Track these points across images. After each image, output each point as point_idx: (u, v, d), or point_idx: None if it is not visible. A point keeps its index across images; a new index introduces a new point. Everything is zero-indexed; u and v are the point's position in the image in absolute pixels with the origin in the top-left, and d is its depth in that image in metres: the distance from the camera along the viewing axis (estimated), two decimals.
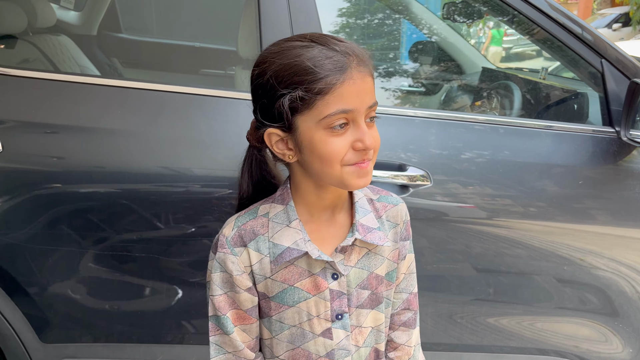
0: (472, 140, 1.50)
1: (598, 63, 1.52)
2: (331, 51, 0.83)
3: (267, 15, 1.43)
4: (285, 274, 0.94)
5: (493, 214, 1.47)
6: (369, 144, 0.84)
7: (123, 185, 1.40)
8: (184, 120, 1.41)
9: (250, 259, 0.94)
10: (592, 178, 1.50)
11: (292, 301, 0.95)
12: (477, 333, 1.59)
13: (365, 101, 0.84)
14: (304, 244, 0.92)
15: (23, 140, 1.38)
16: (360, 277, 0.96)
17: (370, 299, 0.98)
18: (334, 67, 0.82)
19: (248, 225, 0.95)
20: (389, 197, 1.03)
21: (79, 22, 2.61)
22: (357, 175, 0.87)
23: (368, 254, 0.97)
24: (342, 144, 0.84)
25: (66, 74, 1.74)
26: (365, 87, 0.84)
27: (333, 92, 0.82)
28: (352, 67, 0.83)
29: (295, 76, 0.82)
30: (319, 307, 0.95)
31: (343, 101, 0.82)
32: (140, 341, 1.53)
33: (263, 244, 0.94)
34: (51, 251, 1.42)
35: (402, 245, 1.03)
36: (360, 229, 0.95)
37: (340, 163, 0.85)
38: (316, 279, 0.94)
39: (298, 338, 0.97)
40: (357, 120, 0.84)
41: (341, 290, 0.95)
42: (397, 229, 1.01)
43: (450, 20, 2.55)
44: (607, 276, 1.56)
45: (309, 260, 0.93)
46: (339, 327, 0.96)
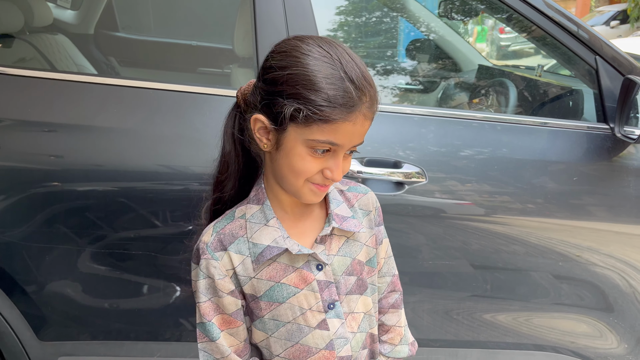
0: (468, 137, 1.50)
1: (592, 60, 1.53)
2: (351, 84, 0.84)
3: (262, 13, 1.43)
4: (270, 271, 0.95)
5: (489, 210, 1.48)
6: (337, 178, 0.89)
7: (120, 184, 1.40)
8: (181, 118, 1.42)
9: (232, 262, 0.95)
10: (587, 174, 1.51)
11: (282, 297, 0.96)
12: (474, 329, 1.59)
13: (353, 141, 0.88)
14: (283, 240, 0.94)
15: (20, 138, 1.38)
16: (345, 264, 0.99)
17: (358, 285, 1.01)
18: (346, 104, 0.83)
19: (227, 229, 0.96)
20: (357, 187, 1.08)
21: (75, 21, 2.61)
22: (314, 194, 0.92)
23: (347, 241, 1.01)
24: (315, 167, 0.88)
25: (63, 73, 1.75)
26: (361, 130, 0.87)
27: (333, 124, 0.84)
28: (360, 110, 0.85)
29: (307, 91, 0.83)
30: (309, 299, 0.97)
31: (336, 136, 0.85)
32: (137, 338, 1.54)
33: (243, 245, 0.95)
34: (48, 249, 1.42)
35: (378, 231, 1.07)
36: (336, 218, 0.98)
37: (304, 179, 0.89)
38: (301, 273, 0.96)
39: (295, 334, 0.97)
40: (337, 152, 0.88)
41: (328, 279, 0.97)
42: (370, 216, 1.05)
43: (446, 18, 2.55)
44: (603, 272, 1.56)
45: (291, 256, 0.95)
46: (333, 316, 0.98)
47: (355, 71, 0.85)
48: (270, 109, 0.88)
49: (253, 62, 1.45)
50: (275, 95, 0.86)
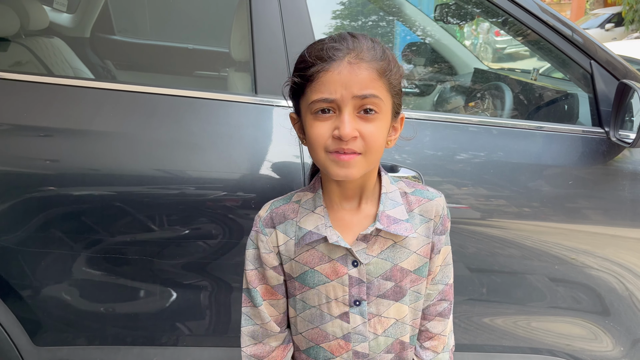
0: (464, 141, 1.51)
1: (587, 64, 1.53)
2: (334, 43, 0.88)
3: (259, 17, 1.44)
4: (307, 256, 0.99)
5: (486, 214, 1.48)
6: (344, 133, 0.86)
7: (116, 188, 1.40)
8: (177, 122, 1.41)
9: (278, 240, 1.01)
10: (582, 178, 1.52)
11: (313, 283, 1.00)
12: (470, 332, 1.60)
13: (350, 91, 0.87)
14: (325, 229, 0.97)
15: (16, 143, 1.38)
16: (383, 268, 0.99)
17: (394, 291, 1.01)
18: (324, 56, 0.87)
19: (280, 209, 1.02)
20: (424, 191, 1.05)
21: (71, 24, 2.61)
22: (337, 165, 0.90)
23: (393, 246, 0.99)
24: (323, 130, 0.89)
25: (59, 77, 1.74)
26: (355, 79, 0.87)
27: (318, 79, 0.88)
28: (342, 59, 0.87)
29: (297, 64, 0.92)
30: (337, 291, 0.99)
31: (327, 89, 0.87)
32: (134, 343, 1.54)
33: (291, 227, 1.00)
34: (44, 254, 1.42)
35: (437, 240, 1.03)
36: (385, 219, 0.97)
37: (322, 149, 0.90)
38: (335, 265, 0.98)
39: (317, 318, 1.02)
40: (341, 108, 0.88)
41: (360, 278, 0.98)
42: (429, 224, 1.02)
43: (442, 21, 2.56)
44: (598, 275, 1.57)
45: (329, 246, 0.98)
46: (357, 312, 1.00)
47: (340, 34, 0.91)
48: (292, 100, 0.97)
49: (250, 66, 1.45)
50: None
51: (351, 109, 0.87)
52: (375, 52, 0.89)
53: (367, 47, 0.89)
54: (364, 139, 0.88)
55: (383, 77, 0.89)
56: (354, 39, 0.90)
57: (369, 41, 0.91)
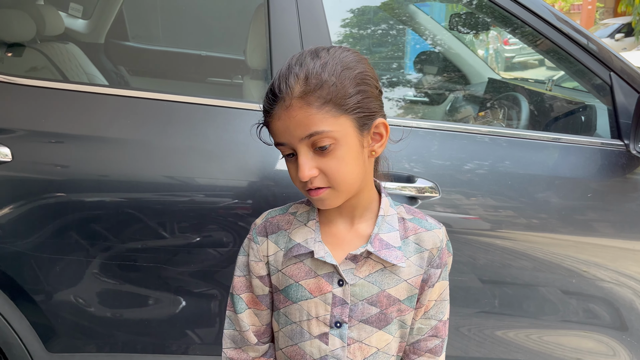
0: (478, 152, 1.50)
1: (607, 76, 1.52)
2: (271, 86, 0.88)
3: (277, 25, 1.43)
4: (294, 269, 0.97)
5: (499, 225, 1.47)
6: (301, 176, 0.87)
7: (130, 195, 1.40)
8: (193, 130, 1.41)
9: (268, 250, 1.00)
10: (600, 191, 1.50)
11: (296, 297, 0.98)
12: (483, 345, 1.58)
13: (295, 135, 0.86)
14: (314, 243, 0.95)
15: (32, 149, 1.38)
16: (369, 292, 0.95)
17: (378, 318, 0.96)
18: (267, 107, 0.89)
19: (275, 219, 1.02)
20: (423, 220, 1.01)
21: (86, 30, 2.62)
22: (314, 201, 0.92)
23: (383, 271, 0.96)
24: (294, 172, 0.90)
25: (75, 84, 1.75)
26: (293, 122, 0.85)
27: (270, 127, 0.90)
28: (279, 104, 0.86)
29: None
30: (318, 309, 0.97)
31: (276, 135, 0.89)
32: (144, 351, 1.53)
33: (282, 238, 0.99)
34: (58, 260, 1.42)
35: (433, 273, 0.99)
36: (377, 242, 0.94)
37: (300, 187, 0.91)
38: (320, 281, 0.96)
39: (297, 335, 0.99)
40: (296, 151, 0.88)
41: (344, 298, 0.95)
42: (423, 254, 0.98)
43: (455, 30, 2.55)
44: (613, 288, 1.55)
45: (316, 261, 0.96)
46: (336, 335, 0.96)
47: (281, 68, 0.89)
48: None
49: (267, 74, 1.45)
50: None
51: (305, 149, 0.86)
52: (308, 83, 0.84)
53: (301, 81, 0.84)
54: (326, 175, 0.87)
55: (325, 105, 0.84)
56: (288, 73, 0.86)
57: (305, 68, 0.85)
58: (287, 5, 1.43)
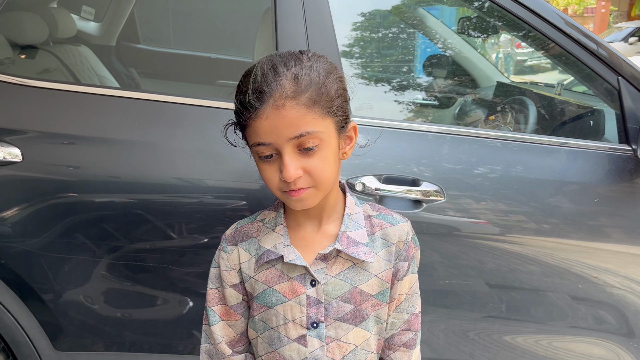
0: (486, 156, 1.49)
1: (614, 80, 1.51)
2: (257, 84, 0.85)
3: (283, 28, 1.44)
4: (266, 275, 0.98)
5: (507, 230, 1.46)
6: (287, 177, 0.86)
7: (138, 196, 1.41)
8: (201, 132, 1.43)
9: (240, 258, 1.00)
10: (608, 196, 1.49)
11: (271, 303, 0.98)
12: (490, 350, 1.57)
13: (283, 135, 0.85)
14: (283, 247, 0.96)
15: (42, 150, 1.40)
16: (342, 289, 0.97)
17: (353, 315, 0.98)
18: (249, 102, 0.85)
19: (244, 227, 1.03)
20: (388, 216, 1.03)
21: (98, 33, 2.66)
22: (293, 201, 0.91)
23: (353, 268, 0.98)
24: (271, 174, 0.89)
25: (86, 86, 1.77)
26: (283, 122, 0.84)
27: (250, 127, 0.87)
28: (268, 103, 0.84)
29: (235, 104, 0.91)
30: (294, 311, 0.97)
31: (259, 136, 0.86)
32: (151, 350, 1.54)
33: (253, 245, 1.00)
34: (66, 259, 1.44)
35: (401, 266, 1.01)
36: (345, 240, 0.96)
37: (275, 189, 0.90)
38: (293, 283, 0.97)
39: (275, 341, 1.00)
40: (281, 151, 0.86)
41: (318, 298, 0.96)
42: (390, 248, 1.00)
43: (464, 34, 2.55)
44: (622, 295, 1.54)
45: (287, 265, 0.97)
46: (314, 335, 0.97)
47: (261, 69, 0.86)
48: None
49: None
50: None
51: (290, 150, 0.86)
52: (299, 84, 0.85)
53: (290, 81, 0.85)
54: (310, 175, 0.88)
55: (314, 106, 0.85)
56: (275, 74, 0.85)
57: (293, 70, 0.86)
58: (294, 8, 1.43)
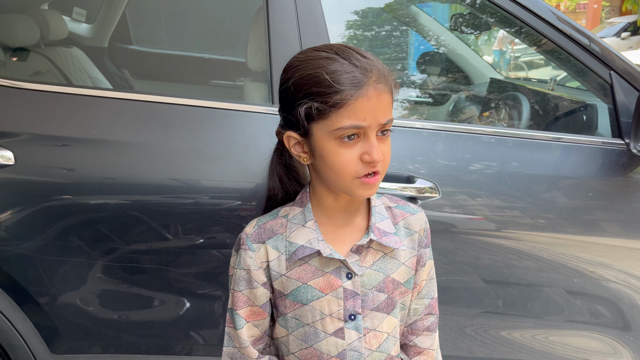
0: (480, 152, 1.50)
1: (607, 75, 1.52)
2: (351, 66, 0.87)
3: (276, 27, 1.44)
4: (300, 271, 0.98)
5: (502, 225, 1.47)
6: (376, 157, 0.88)
7: (133, 197, 1.41)
8: (194, 132, 1.42)
9: (268, 255, 0.99)
10: (601, 190, 1.50)
11: (306, 299, 0.98)
12: (487, 345, 1.58)
13: (378, 118, 0.87)
14: (317, 242, 0.96)
15: (35, 152, 1.40)
16: (376, 279, 0.99)
17: (386, 304, 1.00)
18: (351, 82, 0.85)
19: (268, 224, 1.00)
20: (406, 206, 1.06)
21: (90, 35, 2.65)
22: (364, 188, 0.91)
23: (384, 257, 1.00)
24: (351, 156, 0.89)
25: (78, 87, 1.77)
26: (380, 105, 0.87)
27: (347, 106, 0.86)
28: (368, 84, 0.86)
29: (314, 87, 0.87)
30: (331, 305, 0.98)
31: (356, 116, 0.86)
32: (148, 352, 1.54)
33: (281, 242, 0.99)
34: (62, 262, 1.43)
35: (423, 253, 1.05)
36: (376, 231, 0.98)
37: (349, 175, 0.89)
38: (329, 278, 0.97)
39: (311, 337, 0.99)
40: (368, 134, 0.88)
41: (355, 290, 0.98)
42: (414, 237, 1.04)
43: (457, 31, 2.55)
44: (617, 288, 1.54)
45: (322, 260, 0.97)
46: (352, 327, 0.98)
47: (354, 55, 0.88)
48: (292, 122, 0.92)
49: (266, 76, 1.46)
50: (290, 105, 0.91)
51: (375, 134, 0.89)
52: (386, 71, 0.90)
53: (380, 66, 0.90)
54: (384, 160, 0.91)
55: (392, 98, 0.91)
56: (365, 58, 0.88)
57: (377, 60, 0.91)
58: (286, 7, 1.43)
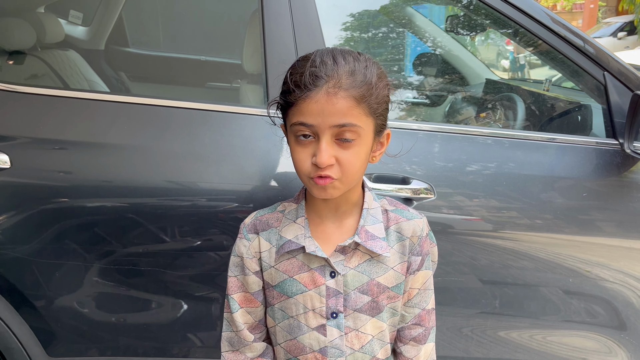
0: (476, 153, 1.50)
1: (600, 75, 1.52)
2: (314, 69, 0.89)
3: (271, 30, 1.45)
4: (287, 265, 1.01)
5: (498, 226, 1.47)
6: (320, 161, 0.89)
7: (130, 200, 1.41)
8: (190, 135, 1.43)
9: (260, 246, 1.04)
10: (596, 190, 1.50)
11: (291, 292, 1.01)
12: (484, 346, 1.58)
13: (327, 121, 0.89)
14: (304, 239, 0.99)
15: (31, 156, 1.40)
16: (360, 281, 1.00)
17: (370, 306, 1.01)
18: (303, 83, 0.89)
19: (265, 217, 1.06)
20: (404, 211, 1.06)
21: (86, 37, 2.65)
22: (317, 188, 0.94)
23: (370, 260, 1.01)
24: (303, 156, 0.92)
25: (74, 90, 1.77)
26: (330, 108, 0.88)
27: (297, 105, 0.90)
28: (321, 88, 0.88)
29: (283, 85, 0.94)
30: (314, 301, 1.00)
31: (303, 116, 0.90)
32: (145, 354, 1.54)
33: (273, 235, 1.03)
34: (58, 265, 1.43)
35: (413, 260, 1.04)
36: (363, 234, 0.99)
37: (303, 173, 0.93)
38: (313, 274, 1.00)
39: (295, 329, 1.02)
40: (319, 135, 0.90)
41: (337, 289, 1.00)
42: (404, 242, 1.03)
43: (453, 32, 2.56)
44: (613, 288, 1.55)
45: (307, 256, 1.00)
46: (333, 325, 1.01)
47: (323, 55, 0.91)
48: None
49: (262, 79, 1.46)
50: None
51: (329, 137, 0.90)
52: (355, 78, 0.90)
53: (346, 73, 0.89)
54: (341, 166, 0.91)
55: (362, 103, 0.90)
56: (335, 63, 0.90)
57: (350, 64, 0.90)
58: (281, 10, 1.44)
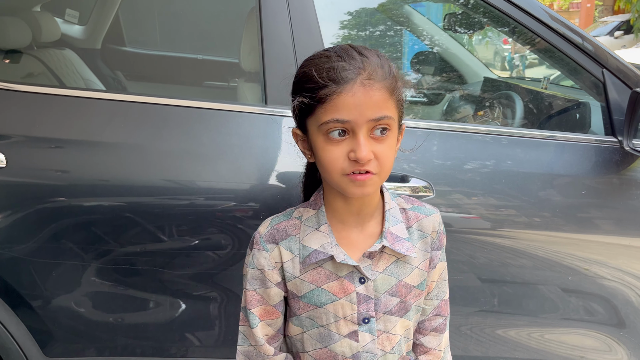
0: (474, 151, 1.50)
1: (599, 73, 1.52)
2: (342, 63, 0.87)
3: (269, 28, 1.44)
4: (314, 275, 0.98)
5: (497, 224, 1.47)
6: (361, 156, 0.86)
7: (127, 199, 1.40)
8: (187, 133, 1.42)
9: (282, 256, 0.99)
10: (595, 188, 1.50)
11: (320, 302, 0.99)
12: (483, 344, 1.58)
13: (365, 114, 0.87)
14: (331, 247, 0.96)
15: (27, 154, 1.39)
16: (389, 284, 0.99)
17: (399, 307, 1.01)
18: (336, 78, 0.86)
19: (281, 225, 1.01)
20: (421, 207, 1.06)
21: (83, 36, 2.64)
22: (354, 185, 0.90)
23: (397, 262, 1.00)
24: (337, 154, 0.89)
25: (70, 89, 1.76)
26: (368, 101, 0.86)
27: (330, 101, 0.87)
28: (355, 81, 0.86)
29: (305, 83, 0.89)
30: (345, 309, 0.99)
31: (339, 111, 0.87)
32: (143, 354, 1.53)
33: (294, 244, 0.99)
34: (55, 264, 1.42)
35: (434, 255, 1.05)
36: (389, 237, 0.98)
37: (337, 172, 0.89)
38: (343, 282, 0.98)
39: (326, 338, 1.00)
40: (355, 131, 0.87)
41: (368, 294, 0.98)
42: (427, 239, 1.03)
43: (451, 30, 2.56)
44: (612, 286, 1.55)
45: (336, 264, 0.97)
46: (365, 330, 1.00)
47: (348, 51, 0.89)
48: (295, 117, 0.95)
49: (260, 77, 1.46)
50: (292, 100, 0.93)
51: (366, 131, 0.87)
52: (384, 70, 0.89)
53: (377, 65, 0.88)
54: (378, 160, 0.89)
55: (393, 95, 0.90)
56: (362, 56, 0.89)
57: (376, 57, 0.90)
58: (279, 8, 1.43)
